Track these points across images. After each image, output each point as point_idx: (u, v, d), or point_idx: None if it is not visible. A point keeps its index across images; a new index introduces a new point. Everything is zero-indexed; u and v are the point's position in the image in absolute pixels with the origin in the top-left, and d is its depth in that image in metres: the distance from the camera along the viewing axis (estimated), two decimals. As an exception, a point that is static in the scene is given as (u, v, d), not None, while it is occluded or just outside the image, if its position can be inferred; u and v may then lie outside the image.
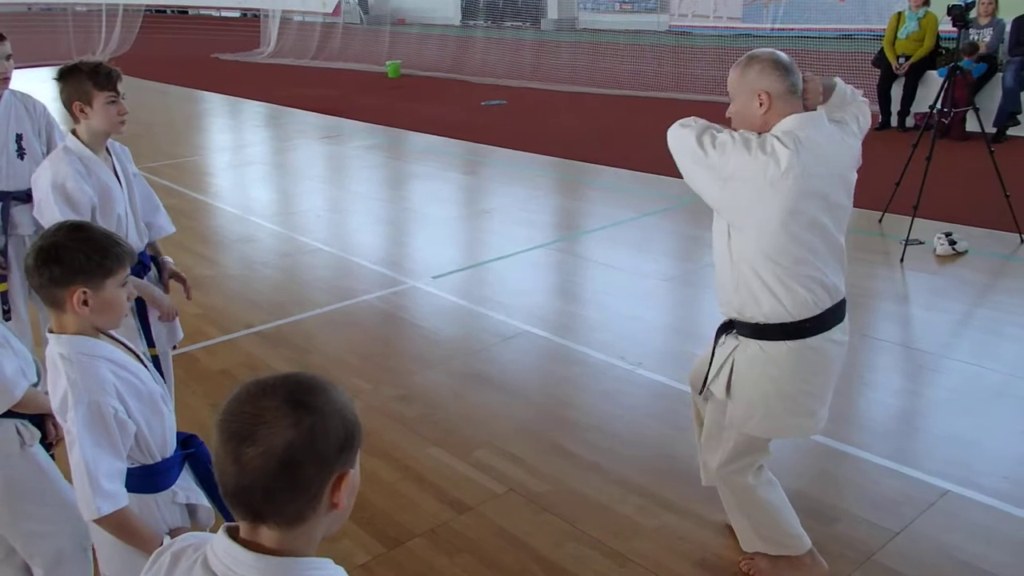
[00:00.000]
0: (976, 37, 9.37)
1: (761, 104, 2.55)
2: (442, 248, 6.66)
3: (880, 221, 6.61)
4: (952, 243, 5.90)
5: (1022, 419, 3.90)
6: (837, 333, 2.67)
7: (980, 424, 3.87)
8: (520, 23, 22.98)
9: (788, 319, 2.57)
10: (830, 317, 2.62)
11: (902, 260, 5.85)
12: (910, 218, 6.02)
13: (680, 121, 2.67)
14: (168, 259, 3.46)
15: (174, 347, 3.43)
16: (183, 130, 12.28)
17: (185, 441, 2.25)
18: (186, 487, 2.23)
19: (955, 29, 6.45)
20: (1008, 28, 9.42)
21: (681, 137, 2.62)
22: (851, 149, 2.68)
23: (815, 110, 2.66)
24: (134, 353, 2.17)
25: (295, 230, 7.17)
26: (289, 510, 1.23)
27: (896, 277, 5.71)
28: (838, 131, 2.64)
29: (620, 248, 6.44)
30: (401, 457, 3.76)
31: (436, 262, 6.28)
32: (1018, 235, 6.12)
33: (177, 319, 3.38)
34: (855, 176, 2.70)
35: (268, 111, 13.42)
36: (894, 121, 10.07)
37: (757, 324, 2.62)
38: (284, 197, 8.60)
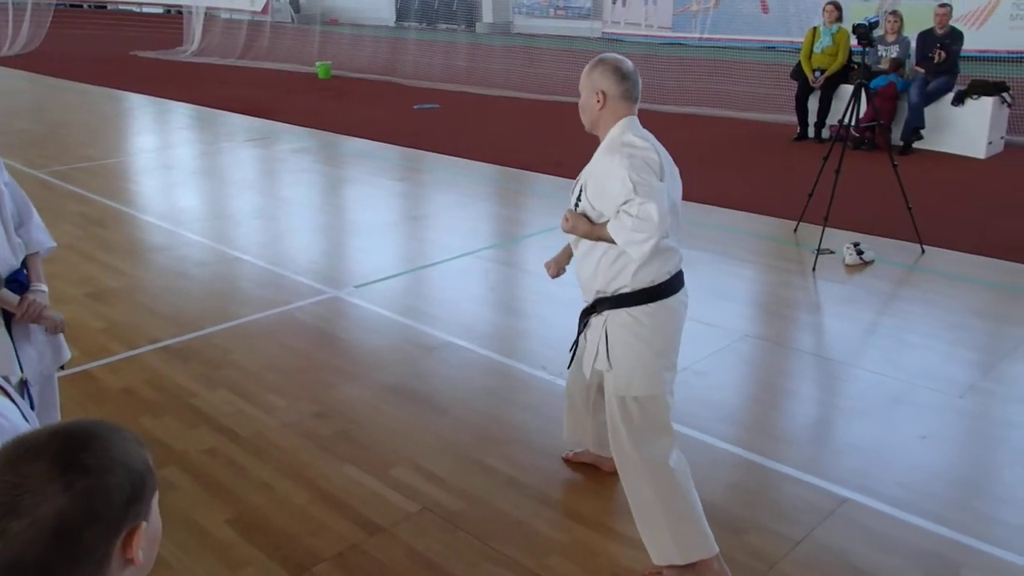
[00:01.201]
0: (884, 54, 9.69)
1: (599, 101, 2.89)
2: (369, 256, 6.53)
3: (795, 231, 6.70)
4: (860, 253, 6.05)
5: (919, 426, 3.98)
6: (682, 295, 3.00)
7: (880, 431, 3.94)
8: (455, 26, 22.88)
9: (650, 284, 2.88)
10: (677, 281, 2.96)
11: (814, 269, 5.95)
12: (821, 228, 6.15)
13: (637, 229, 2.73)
14: (42, 287, 2.97)
15: (61, 367, 3.16)
16: (98, 131, 11.86)
17: None
18: None
19: (861, 45, 6.63)
20: (913, 44, 9.75)
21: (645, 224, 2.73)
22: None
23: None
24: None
25: (215, 238, 6.96)
26: None
27: (808, 286, 5.80)
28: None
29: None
30: (313, 477, 3.63)
31: (362, 271, 6.15)
32: (919, 245, 6.28)
33: (63, 337, 3.09)
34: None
35: (192, 112, 13.08)
36: (811, 132, 10.37)
37: (624, 294, 2.89)
38: (205, 203, 8.35)
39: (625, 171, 2.73)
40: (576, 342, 3.28)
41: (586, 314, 3.08)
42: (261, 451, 3.83)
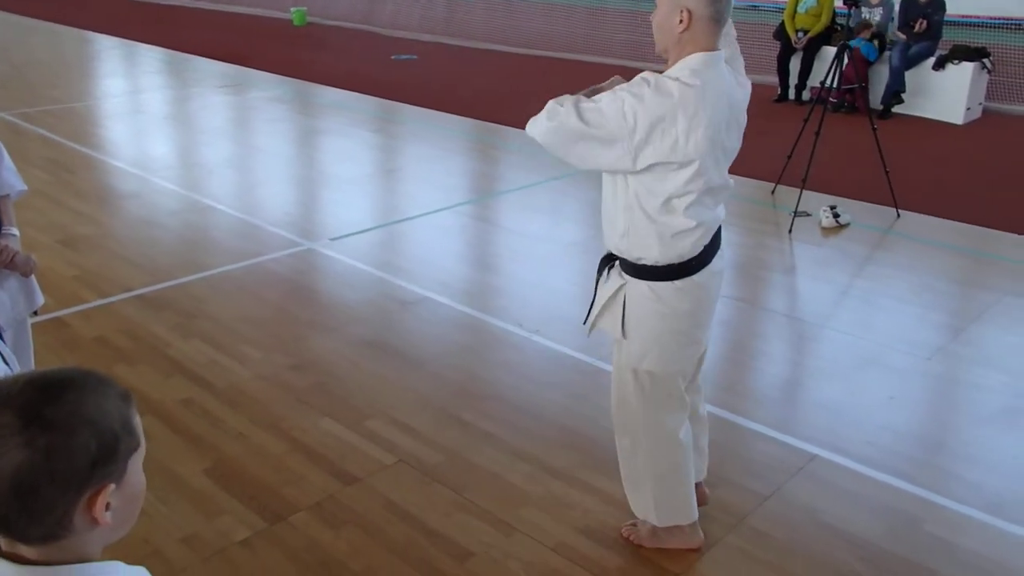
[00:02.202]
0: (867, 15, 9.64)
1: (681, 22, 2.44)
2: (345, 209, 6.48)
3: (773, 193, 6.73)
4: (836, 216, 6.09)
5: (888, 387, 4.06)
6: (717, 263, 2.71)
7: (850, 392, 4.02)
8: (432, -25, 22.47)
9: (678, 260, 2.59)
10: (710, 250, 2.65)
11: (790, 232, 5.99)
12: (799, 190, 6.18)
13: (546, 113, 2.51)
14: (13, 231, 2.92)
15: (35, 313, 3.10)
16: (65, 74, 11.62)
17: None
18: None
19: (847, 7, 6.61)
20: (897, 7, 9.72)
21: (558, 128, 2.48)
22: (745, 91, 2.67)
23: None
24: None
25: (188, 187, 6.87)
26: (33, 532, 1.11)
27: (784, 248, 5.84)
28: (730, 72, 2.61)
29: (526, 212, 6.38)
30: (289, 429, 3.64)
31: (337, 223, 6.11)
32: (895, 210, 6.34)
33: (35, 280, 3.01)
34: (746, 118, 2.68)
35: (163, 56, 12.82)
36: (792, 94, 10.32)
37: (646, 266, 2.62)
38: (177, 151, 8.23)
39: (619, 90, 2.44)
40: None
41: (604, 263, 2.82)
42: (236, 402, 3.83)
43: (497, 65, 12.65)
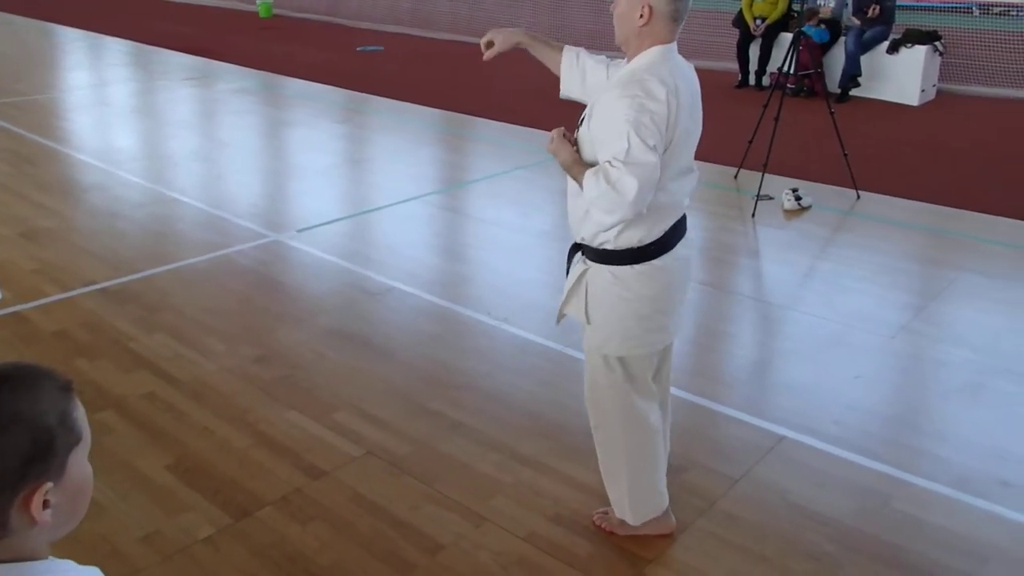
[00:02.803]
0: (822, 3, 9.81)
1: (642, 16, 2.51)
2: (312, 200, 6.41)
3: (736, 177, 6.75)
4: (798, 199, 6.13)
5: (853, 366, 4.08)
6: (681, 249, 2.71)
7: (817, 372, 4.03)
8: (399, -35, 22.34)
9: (638, 244, 2.61)
10: (673, 236, 2.66)
11: (753, 215, 6.02)
12: (761, 174, 6.21)
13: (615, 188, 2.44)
14: None
15: None
16: (28, 65, 11.42)
17: None
18: None
19: None
20: None
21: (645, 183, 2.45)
22: (695, 76, 2.72)
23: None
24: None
25: (152, 179, 6.77)
26: None
27: (748, 232, 5.87)
28: (686, 63, 2.67)
29: (494, 201, 6.35)
30: (254, 422, 3.59)
31: (305, 215, 6.05)
32: (855, 191, 6.39)
33: None
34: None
35: (128, 48, 12.65)
36: (752, 80, 10.44)
37: (606, 251, 2.64)
38: (142, 143, 8.12)
39: (628, 124, 2.41)
40: None
41: (572, 251, 2.84)
42: (200, 395, 3.78)
43: (463, 55, 12.58)
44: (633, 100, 2.44)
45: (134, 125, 8.75)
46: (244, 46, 12.81)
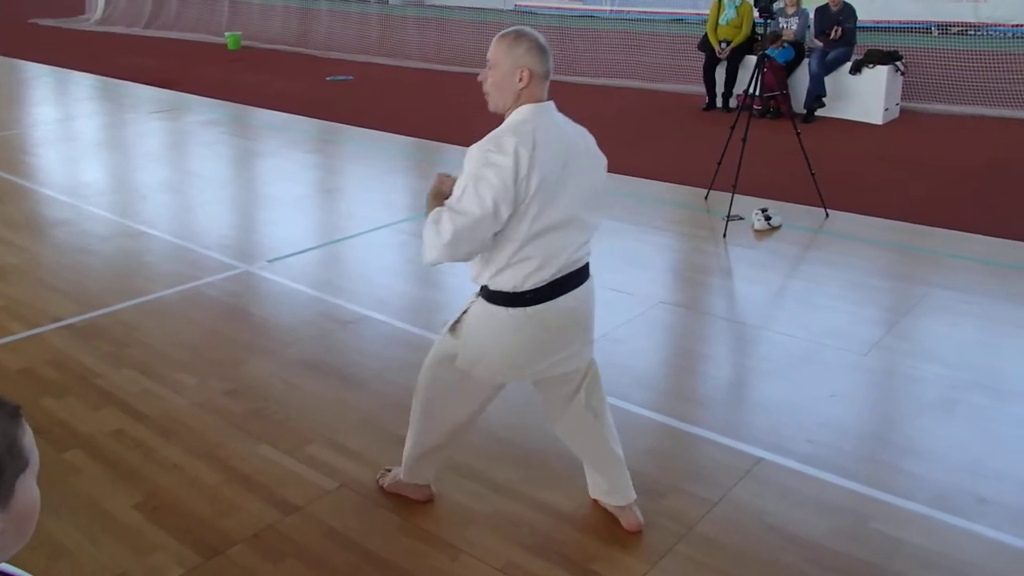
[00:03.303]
0: (785, 26, 9.95)
1: (521, 80, 2.68)
2: (283, 230, 6.36)
3: (706, 198, 6.80)
4: (768, 219, 6.18)
5: (827, 384, 4.08)
6: (567, 301, 2.79)
7: (790, 391, 4.03)
8: (367, -4, 22.46)
9: (511, 290, 2.73)
10: (555, 289, 2.75)
11: (724, 235, 6.05)
12: (731, 195, 6.25)
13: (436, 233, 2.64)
14: None
15: None
16: (-4, 103, 11.34)
17: None
18: None
19: (762, 18, 6.74)
20: (812, 16, 10.05)
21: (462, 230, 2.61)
22: (585, 138, 2.84)
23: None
24: None
25: (120, 213, 6.70)
26: None
27: (720, 252, 5.89)
28: (564, 119, 2.80)
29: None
30: (225, 457, 3.53)
31: (275, 245, 6.00)
32: (824, 210, 6.45)
33: None
34: (601, 154, 2.87)
35: (95, 83, 12.57)
36: (719, 102, 10.54)
37: (487, 289, 2.79)
38: (110, 177, 8.03)
39: (470, 176, 2.59)
40: None
41: None
42: (170, 431, 3.71)
43: (431, 83, 12.63)
44: (482, 154, 2.61)
45: (102, 159, 8.68)
46: (213, 78, 12.77)
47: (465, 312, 2.89)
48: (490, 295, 2.79)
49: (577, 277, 2.81)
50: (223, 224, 6.61)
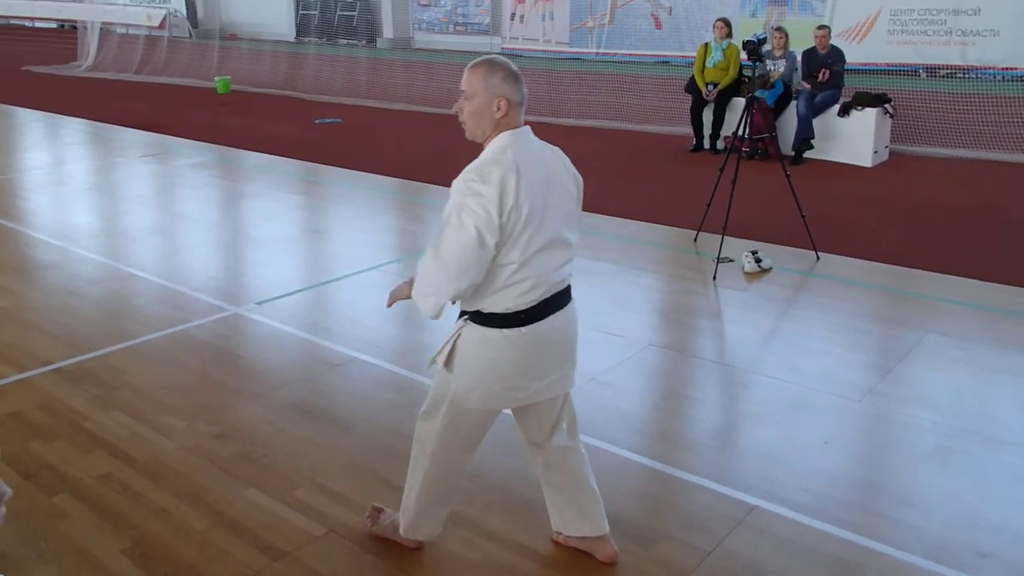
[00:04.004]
0: (772, 68, 10.02)
1: (499, 109, 2.71)
2: (271, 272, 6.37)
3: (695, 240, 6.82)
4: (758, 261, 6.18)
5: (820, 430, 4.05)
6: (557, 320, 2.85)
7: (784, 437, 4.00)
8: (355, 41, 22.71)
9: (504, 311, 2.76)
10: (545, 308, 2.81)
11: (715, 278, 6.05)
12: (720, 237, 6.26)
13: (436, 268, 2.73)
14: None
15: None
16: (-13, 147, 11.37)
17: None
18: None
19: (750, 60, 6.77)
20: (799, 59, 10.15)
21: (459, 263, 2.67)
22: (560, 153, 2.91)
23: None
24: None
25: (110, 255, 6.70)
26: None
27: (710, 294, 5.88)
28: (542, 144, 2.86)
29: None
30: (213, 502, 3.50)
31: (264, 287, 6.00)
32: (814, 252, 6.46)
33: None
34: (576, 173, 2.94)
35: (86, 127, 12.63)
36: (707, 143, 10.61)
37: (480, 313, 2.80)
38: (100, 220, 8.04)
39: (455, 196, 2.64)
40: None
41: (461, 314, 2.96)
42: (158, 475, 3.68)
43: (419, 125, 12.73)
44: (465, 184, 2.64)
45: (91, 202, 8.69)
46: (202, 122, 12.85)
47: (455, 341, 2.87)
48: (483, 318, 2.80)
49: (564, 297, 2.88)
50: (212, 266, 6.62)
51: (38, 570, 3.04)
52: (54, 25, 28.62)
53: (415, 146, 11.07)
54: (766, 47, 8.05)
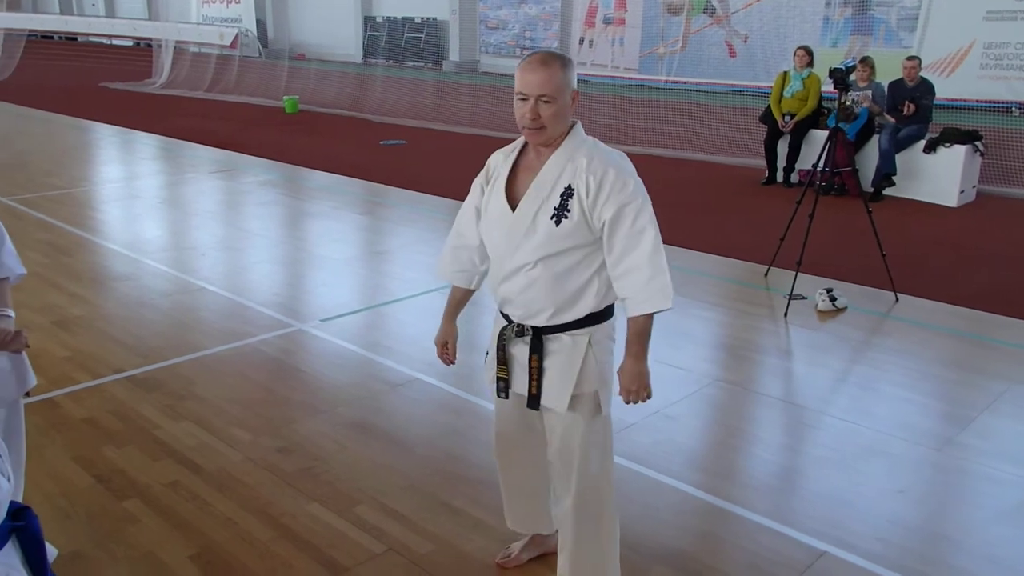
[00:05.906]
0: (856, 98, 9.67)
1: (573, 100, 2.67)
2: (334, 290, 6.48)
3: (766, 275, 6.72)
4: (833, 299, 5.99)
5: (893, 477, 3.93)
6: None
7: (854, 482, 3.88)
8: (422, 63, 23.02)
9: (610, 301, 2.77)
10: None
11: (786, 315, 5.92)
12: (794, 273, 6.12)
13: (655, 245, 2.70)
14: (9, 313, 2.91)
15: (27, 394, 3.06)
16: (65, 161, 11.74)
17: (16, 513, 2.01)
18: (7, 563, 1.97)
19: (836, 90, 6.59)
20: (886, 90, 9.81)
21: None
22: None
23: None
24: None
25: (180, 268, 6.87)
26: None
27: (780, 331, 5.76)
28: None
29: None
30: (277, 515, 3.56)
31: (327, 304, 6.10)
32: (893, 293, 6.26)
33: (27, 361, 3.00)
34: None
35: (159, 143, 12.99)
36: (780, 176, 10.33)
37: (592, 314, 2.73)
38: (171, 233, 8.25)
39: (637, 194, 2.61)
40: (502, 375, 2.98)
41: (533, 346, 2.80)
42: (224, 486, 3.76)
43: (483, 148, 12.77)
44: (635, 181, 2.64)
45: (163, 216, 8.92)
46: (270, 140, 13.13)
47: (584, 358, 2.71)
48: (600, 316, 2.75)
49: None
50: (277, 282, 6.74)
51: (109, 570, 3.12)
52: (130, 43, 29.54)
53: (478, 170, 11.14)
54: (852, 76, 7.81)
